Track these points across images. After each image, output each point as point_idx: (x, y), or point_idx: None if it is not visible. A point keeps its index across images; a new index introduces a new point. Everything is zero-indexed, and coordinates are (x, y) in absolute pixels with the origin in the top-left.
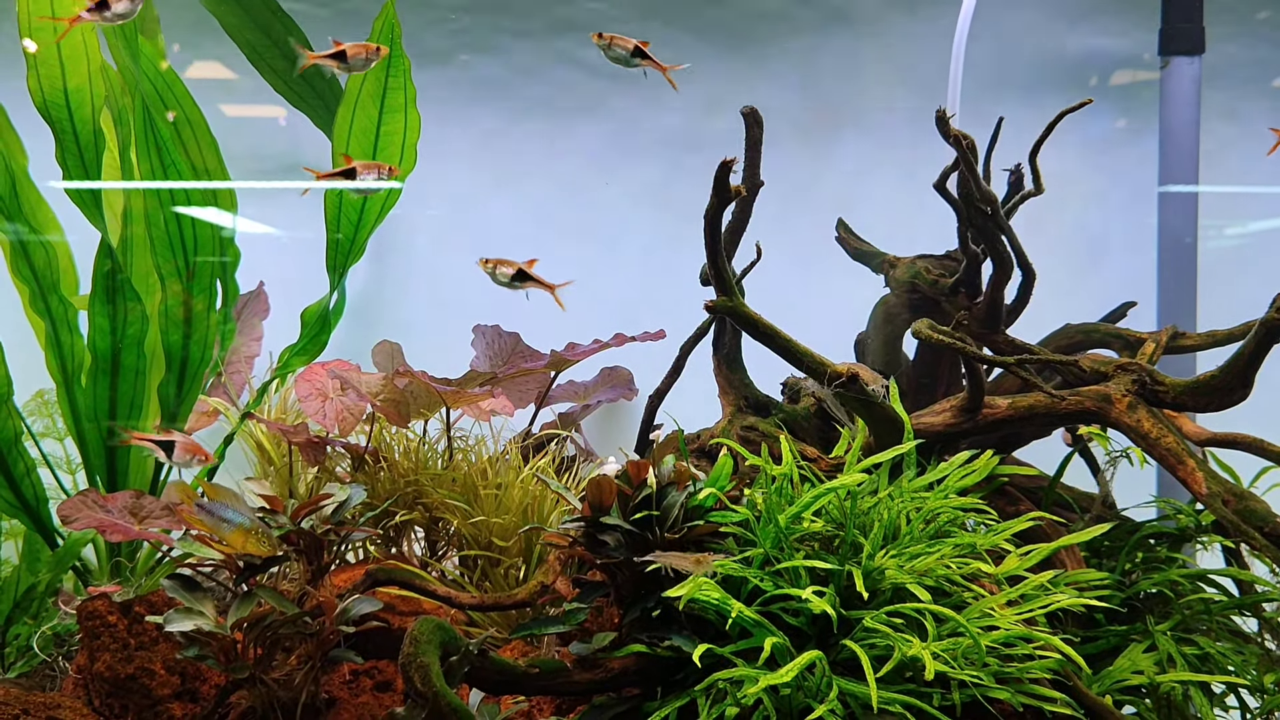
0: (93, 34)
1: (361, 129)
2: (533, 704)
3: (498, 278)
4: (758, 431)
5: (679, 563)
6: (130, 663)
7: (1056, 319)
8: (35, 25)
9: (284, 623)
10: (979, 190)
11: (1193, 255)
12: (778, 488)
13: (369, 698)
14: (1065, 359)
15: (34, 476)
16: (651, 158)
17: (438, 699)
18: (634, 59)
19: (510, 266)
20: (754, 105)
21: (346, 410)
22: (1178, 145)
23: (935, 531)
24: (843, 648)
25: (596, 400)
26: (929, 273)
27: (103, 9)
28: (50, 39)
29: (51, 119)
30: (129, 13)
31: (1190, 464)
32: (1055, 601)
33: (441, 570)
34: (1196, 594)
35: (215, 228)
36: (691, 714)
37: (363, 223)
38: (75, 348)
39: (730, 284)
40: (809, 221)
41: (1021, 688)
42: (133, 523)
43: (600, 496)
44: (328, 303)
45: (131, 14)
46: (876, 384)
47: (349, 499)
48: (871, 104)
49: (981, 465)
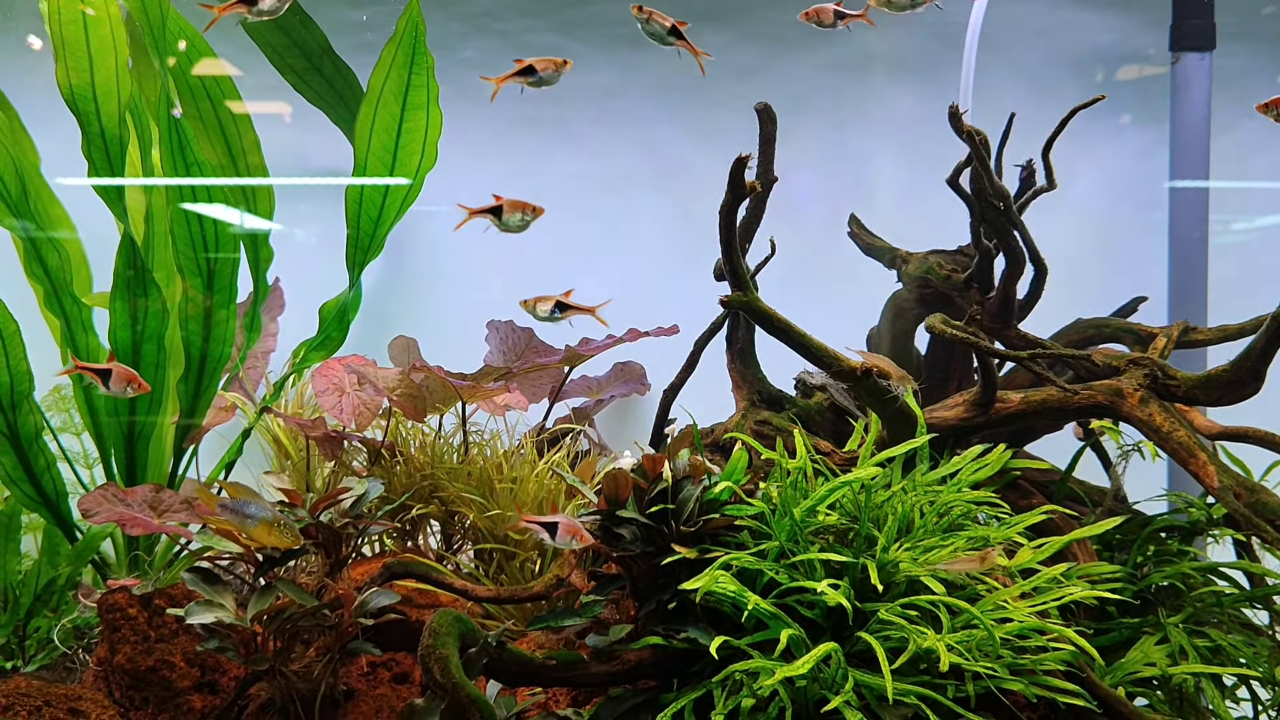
0: (120, 27)
1: (384, 126)
2: (549, 695)
3: (538, 314)
4: (771, 426)
5: (965, 565)
6: (150, 655)
7: (1068, 314)
8: (65, 18)
9: (303, 615)
10: (992, 185)
11: (1203, 250)
12: (792, 481)
13: (387, 689)
14: (1077, 353)
15: (54, 471)
16: (667, 152)
17: (457, 690)
18: (669, 38)
19: (548, 301)
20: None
21: (363, 405)
22: (1188, 140)
23: (949, 525)
24: (858, 640)
25: (610, 395)
26: (941, 268)
27: (251, 2)
28: (76, 32)
29: (78, 111)
30: (275, 10)
31: (1202, 458)
32: (1068, 594)
33: (457, 564)
34: (1208, 587)
35: (221, 222)
36: (707, 706)
37: (382, 219)
38: (90, 346)
39: (745, 279)
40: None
41: (1035, 679)
42: (152, 516)
43: (616, 490)
44: (345, 298)
45: (278, 11)
46: (904, 382)
47: (367, 492)
48: (880, 98)
49: (994, 459)
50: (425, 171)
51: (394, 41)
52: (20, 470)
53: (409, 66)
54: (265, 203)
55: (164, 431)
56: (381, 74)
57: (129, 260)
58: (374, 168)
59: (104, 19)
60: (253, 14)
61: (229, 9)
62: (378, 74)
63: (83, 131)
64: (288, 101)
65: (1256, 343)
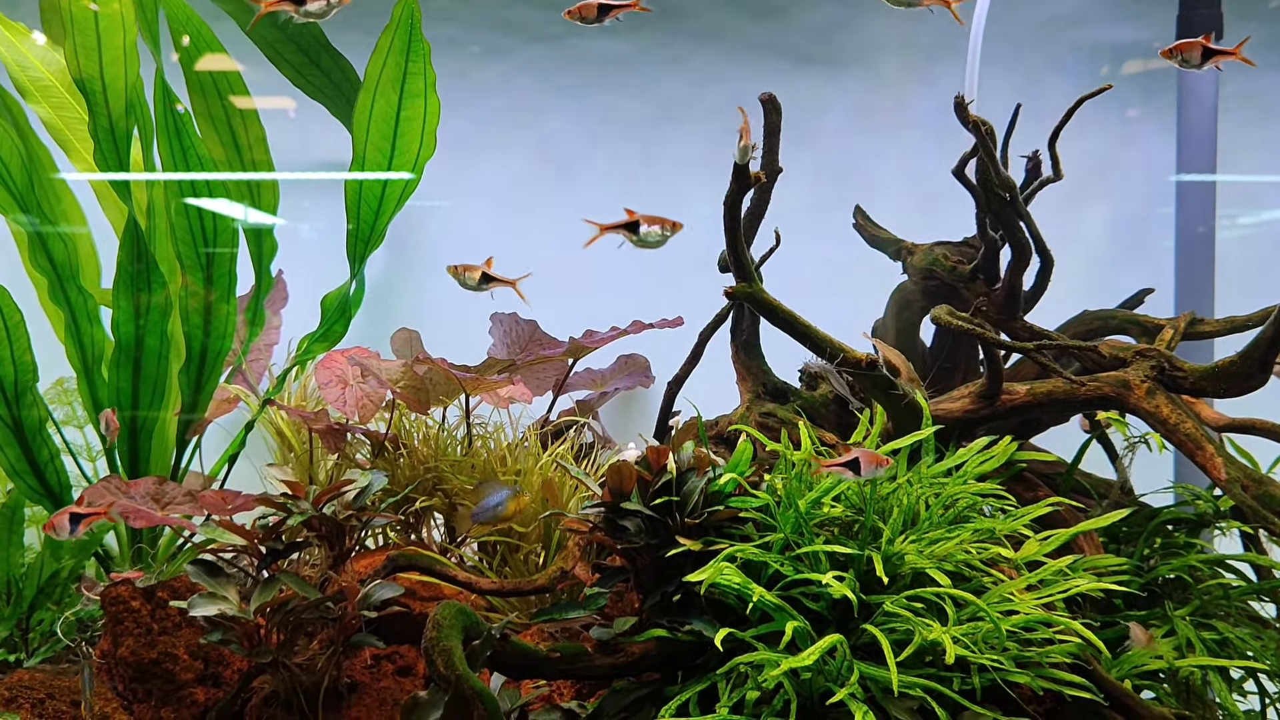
0: (130, 7)
1: (381, 114)
2: (553, 688)
3: (466, 282)
4: (776, 418)
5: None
6: (154, 648)
7: (1074, 306)
8: (78, 7)
9: (307, 608)
10: (998, 176)
11: (1210, 242)
12: (797, 473)
13: (390, 682)
14: (1084, 344)
15: (57, 463)
16: (673, 146)
17: (461, 682)
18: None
19: (475, 271)
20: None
21: (366, 397)
22: (1196, 133)
23: (954, 517)
24: (863, 632)
25: (614, 388)
26: (947, 259)
27: (300, 2)
28: (86, 19)
29: (87, 90)
30: (324, 12)
31: (1209, 449)
32: (1074, 586)
33: (461, 556)
34: (1215, 579)
35: (222, 216)
36: (712, 698)
37: (382, 210)
38: (95, 337)
39: (749, 270)
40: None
41: (1042, 672)
42: (155, 508)
43: (621, 482)
44: (347, 290)
45: (327, 14)
46: (913, 385)
47: (370, 485)
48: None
49: (1000, 451)
50: (425, 160)
51: (390, 29)
52: (24, 462)
53: (406, 54)
54: (270, 196)
55: (167, 424)
56: (378, 62)
57: (133, 253)
58: (373, 157)
59: (119, 4)
60: (300, 14)
61: (274, 6)
62: (374, 62)
63: (90, 111)
64: (290, 96)
65: (1264, 334)
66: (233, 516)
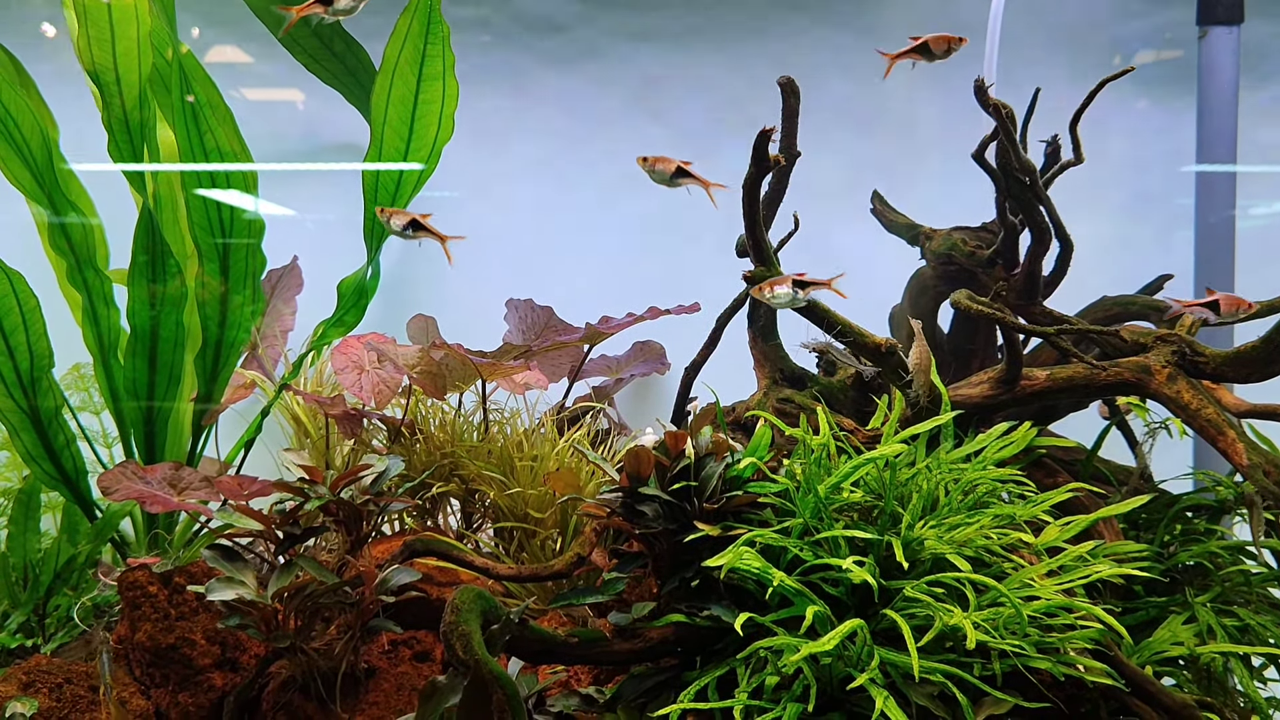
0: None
1: (399, 97)
2: (571, 673)
3: (391, 226)
4: (794, 404)
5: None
6: (171, 633)
7: (1093, 291)
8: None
9: (324, 592)
10: (1018, 160)
11: (1230, 228)
12: (816, 458)
13: (408, 667)
14: (1105, 330)
15: (73, 449)
16: (688, 133)
17: (479, 667)
18: (677, 179)
19: (404, 217)
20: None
21: (383, 382)
22: (1215, 118)
23: (974, 502)
24: (883, 617)
25: (629, 374)
26: (965, 244)
27: (328, 2)
28: (99, 10)
29: (100, 82)
30: (350, 9)
31: (1231, 435)
32: (1095, 572)
33: (478, 542)
34: (1236, 566)
35: (237, 208)
36: (730, 684)
37: (399, 195)
38: (112, 321)
39: (768, 254)
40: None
41: (1062, 658)
42: (172, 494)
43: (638, 467)
44: (364, 274)
45: (354, 10)
46: (921, 389)
47: (387, 470)
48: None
49: (1019, 437)
50: (443, 144)
51: (409, 11)
52: (40, 448)
53: (424, 36)
54: (251, 183)
55: (182, 410)
56: (396, 45)
57: (146, 242)
58: (390, 140)
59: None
60: (329, 14)
61: (307, 10)
62: (393, 45)
63: (104, 102)
64: (299, 89)
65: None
66: (249, 502)
